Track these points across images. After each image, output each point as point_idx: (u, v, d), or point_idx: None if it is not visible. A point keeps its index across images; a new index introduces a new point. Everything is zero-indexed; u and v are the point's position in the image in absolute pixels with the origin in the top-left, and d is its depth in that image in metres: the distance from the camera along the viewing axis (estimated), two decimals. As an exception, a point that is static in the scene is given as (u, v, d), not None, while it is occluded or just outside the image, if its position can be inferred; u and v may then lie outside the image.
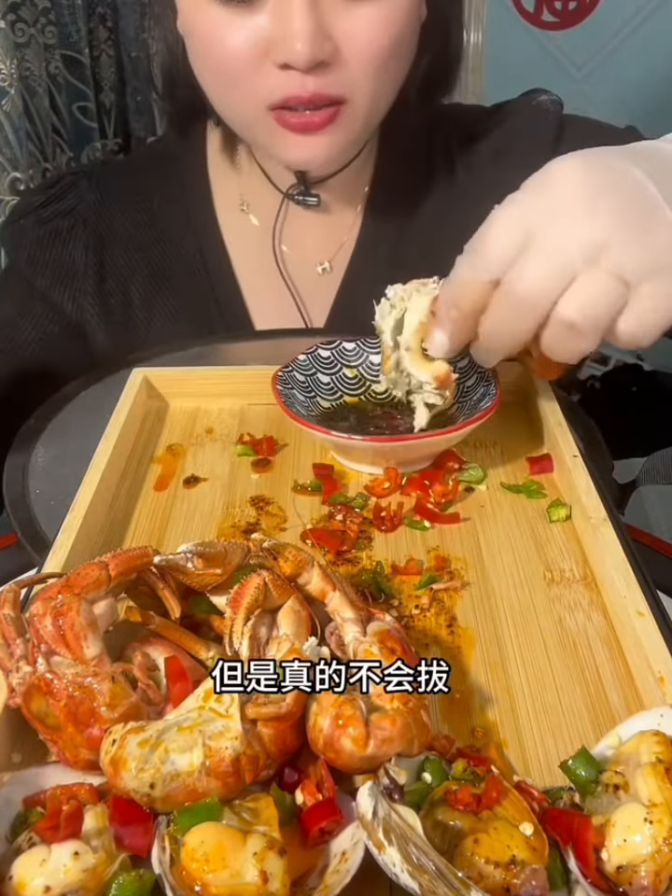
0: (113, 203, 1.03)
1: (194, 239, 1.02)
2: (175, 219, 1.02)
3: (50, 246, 1.02)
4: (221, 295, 1.02)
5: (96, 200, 1.03)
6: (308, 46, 0.75)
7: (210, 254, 1.02)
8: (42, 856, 0.39)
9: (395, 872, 0.38)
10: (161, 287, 1.02)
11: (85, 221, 1.02)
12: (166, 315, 1.02)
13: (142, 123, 1.60)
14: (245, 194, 1.02)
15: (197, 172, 1.03)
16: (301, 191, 0.96)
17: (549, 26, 2.03)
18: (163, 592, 0.51)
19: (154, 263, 1.02)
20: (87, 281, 1.01)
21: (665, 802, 0.39)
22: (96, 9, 1.49)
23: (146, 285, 1.02)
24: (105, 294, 1.02)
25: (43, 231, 1.02)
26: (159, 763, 0.41)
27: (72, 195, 1.03)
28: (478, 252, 0.60)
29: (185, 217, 1.02)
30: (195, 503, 0.69)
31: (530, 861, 0.38)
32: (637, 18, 1.97)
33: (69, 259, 1.02)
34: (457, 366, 0.76)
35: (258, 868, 0.38)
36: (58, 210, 1.03)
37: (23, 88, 1.29)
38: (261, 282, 1.02)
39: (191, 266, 1.02)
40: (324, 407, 0.76)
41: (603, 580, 0.59)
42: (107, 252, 1.02)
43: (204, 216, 1.02)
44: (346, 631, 0.49)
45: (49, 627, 0.46)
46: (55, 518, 0.64)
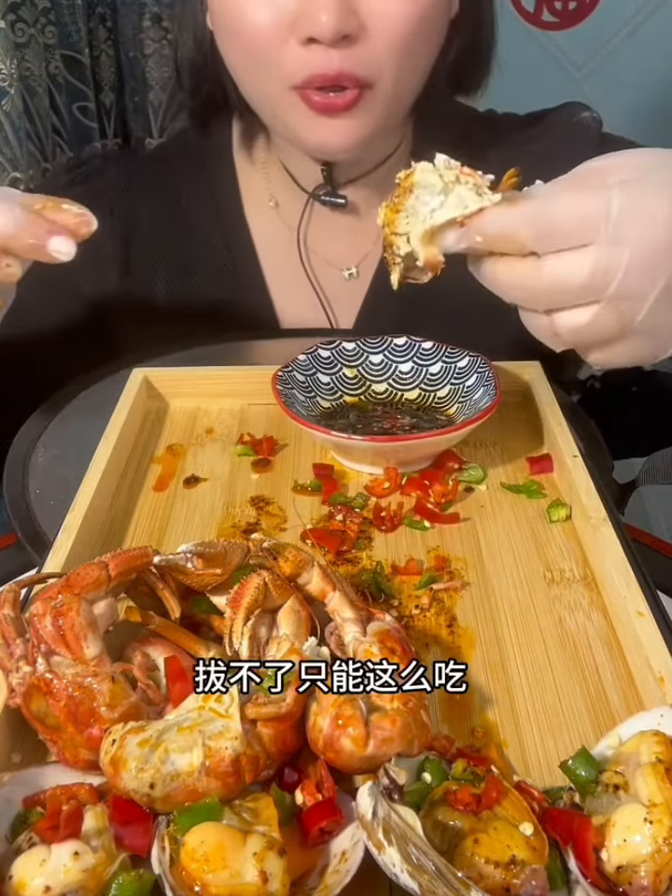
0: (141, 193, 1.01)
1: (222, 235, 1.01)
2: (203, 215, 1.01)
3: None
4: (250, 294, 1.01)
5: (124, 187, 1.01)
6: (333, 18, 0.75)
7: (238, 251, 1.01)
8: (42, 856, 0.39)
9: (395, 872, 0.38)
10: (188, 282, 1.01)
11: (112, 208, 1.00)
12: (191, 311, 1.00)
13: (140, 123, 1.60)
14: (274, 191, 1.01)
15: (224, 168, 1.02)
16: (327, 191, 0.95)
17: (549, 26, 2.03)
18: (163, 592, 0.51)
19: (181, 258, 1.01)
20: (112, 270, 1.00)
21: (665, 802, 0.39)
22: (96, 9, 1.49)
23: (171, 279, 1.01)
24: (128, 285, 1.00)
25: None
26: (159, 762, 0.41)
27: (99, 179, 1.02)
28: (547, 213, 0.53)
29: (214, 214, 1.01)
30: (195, 503, 0.69)
31: (530, 861, 0.38)
32: (637, 18, 1.96)
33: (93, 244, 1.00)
34: (457, 365, 0.76)
35: (258, 868, 0.38)
36: (81, 193, 1.01)
37: (23, 88, 1.29)
38: (289, 282, 1.01)
39: (219, 263, 1.01)
40: (324, 407, 0.76)
41: (603, 580, 0.59)
42: (133, 242, 1.00)
43: (232, 212, 1.01)
44: (346, 631, 0.49)
45: (48, 627, 0.46)
46: (55, 518, 0.64)
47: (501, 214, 0.54)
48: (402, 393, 0.78)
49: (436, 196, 0.54)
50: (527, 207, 0.53)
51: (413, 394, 0.78)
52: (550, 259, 0.53)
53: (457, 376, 0.76)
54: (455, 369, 0.76)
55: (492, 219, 0.54)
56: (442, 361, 0.77)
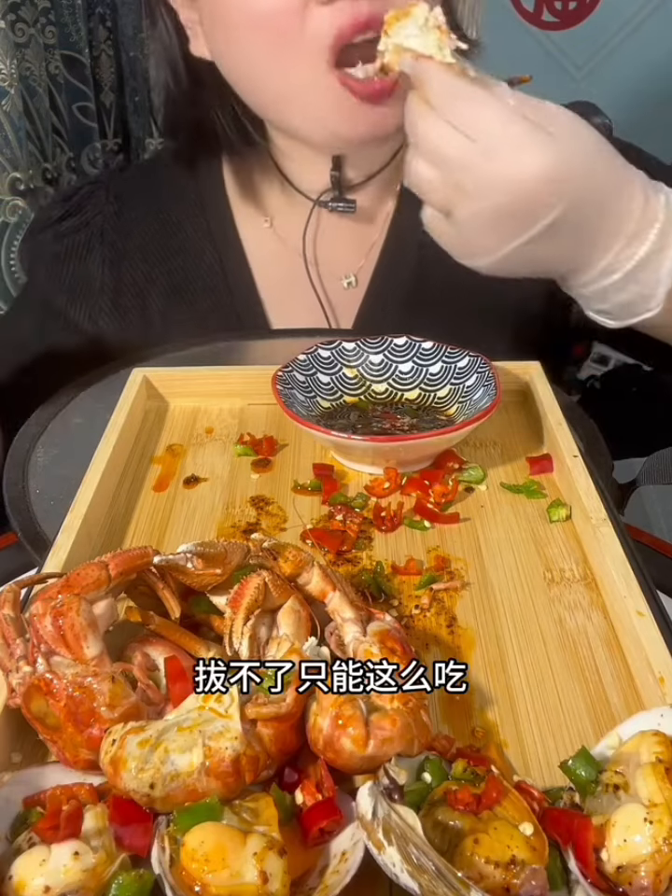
0: (130, 214, 1.02)
1: (215, 252, 1.00)
2: (194, 232, 1.01)
3: (67, 262, 1.01)
4: (243, 310, 1.00)
5: (114, 212, 1.02)
6: None
7: (231, 268, 1.00)
8: (42, 856, 0.39)
9: (395, 872, 0.38)
10: (180, 300, 1.01)
11: (102, 234, 1.01)
12: (185, 329, 1.00)
13: (140, 124, 1.60)
14: (269, 209, 1.00)
15: (214, 184, 1.01)
16: (335, 197, 0.94)
17: (549, 26, 2.03)
18: (163, 592, 0.51)
19: (173, 276, 1.01)
20: (103, 297, 1.00)
21: (665, 802, 0.39)
22: (96, 9, 1.49)
23: (164, 297, 1.01)
24: (122, 309, 1.01)
25: (60, 247, 1.01)
26: (159, 763, 0.41)
27: (89, 207, 1.02)
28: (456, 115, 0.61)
29: (205, 230, 1.01)
30: (195, 503, 0.69)
31: (530, 861, 0.38)
32: (636, 18, 1.97)
33: (86, 274, 1.01)
34: (457, 365, 0.76)
35: (258, 868, 0.38)
36: (74, 224, 1.01)
37: (23, 88, 1.29)
38: (286, 296, 1.01)
39: (212, 280, 1.01)
40: (324, 407, 0.76)
41: (603, 580, 0.59)
42: (125, 265, 1.01)
43: (225, 229, 1.01)
44: (346, 631, 0.49)
45: (48, 627, 0.46)
46: (55, 518, 0.64)
47: (437, 70, 0.62)
48: (402, 393, 0.78)
49: (416, 28, 0.64)
50: (452, 92, 0.62)
51: (413, 394, 0.78)
52: (436, 127, 0.61)
53: (457, 376, 0.76)
54: (455, 369, 0.76)
55: (427, 68, 0.62)
56: (442, 361, 0.77)
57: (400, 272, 0.98)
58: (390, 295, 0.98)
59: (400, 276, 0.98)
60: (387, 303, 0.98)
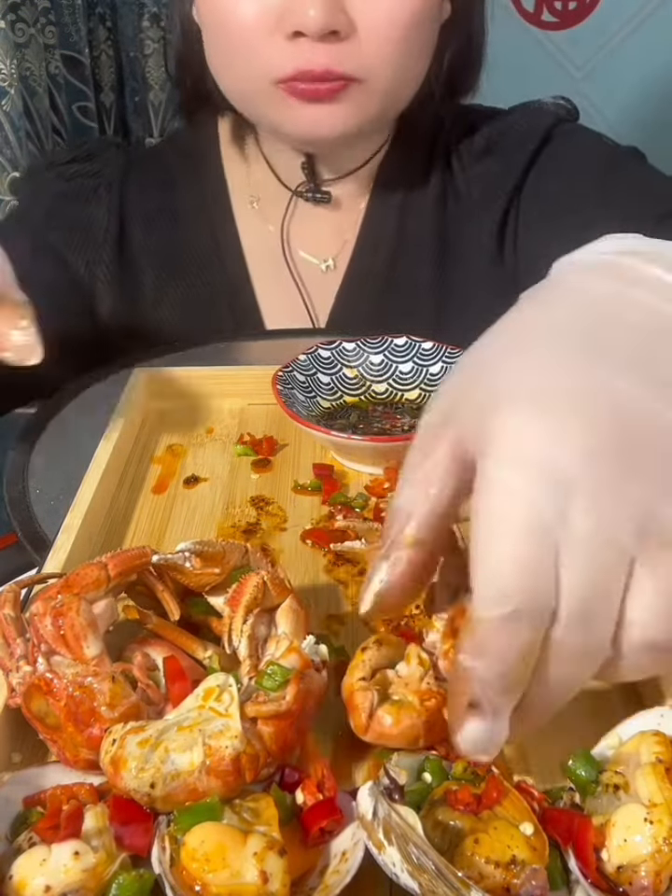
0: (136, 184, 1.02)
1: (210, 230, 1.02)
2: (193, 210, 1.02)
3: (72, 202, 0.99)
4: (233, 288, 1.02)
5: (124, 168, 1.01)
6: (321, 12, 0.74)
7: (225, 246, 1.02)
8: (42, 856, 0.39)
9: (395, 872, 0.38)
10: (174, 272, 1.01)
11: (110, 185, 1.00)
12: (176, 300, 1.01)
13: (140, 123, 1.60)
14: (256, 189, 1.02)
15: (212, 164, 1.02)
16: (310, 188, 0.96)
17: (549, 26, 2.03)
18: (163, 594, 0.51)
19: (170, 248, 1.01)
20: (104, 248, 0.99)
21: (665, 802, 0.39)
22: (96, 9, 1.49)
23: (159, 268, 1.01)
24: (120, 266, 1.00)
25: (66, 187, 0.99)
26: (159, 762, 0.41)
27: (99, 158, 1.02)
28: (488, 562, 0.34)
29: (203, 209, 1.02)
30: (195, 503, 0.69)
31: (530, 861, 0.38)
32: (637, 18, 1.97)
33: (88, 219, 0.98)
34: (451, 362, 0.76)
35: (258, 868, 0.37)
36: (84, 170, 1.00)
37: (23, 88, 1.29)
38: (271, 277, 1.02)
39: (206, 256, 1.02)
40: (324, 407, 0.76)
41: (603, 579, 0.59)
42: (128, 225, 1.00)
43: (221, 208, 1.02)
44: None
45: (49, 627, 0.46)
46: (55, 518, 0.64)
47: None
48: (402, 393, 0.78)
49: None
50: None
51: (413, 394, 0.78)
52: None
53: (457, 376, 0.76)
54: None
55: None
56: (443, 361, 0.77)
57: (376, 259, 1.00)
58: (368, 279, 1.00)
59: (376, 263, 1.00)
60: (364, 289, 1.00)
